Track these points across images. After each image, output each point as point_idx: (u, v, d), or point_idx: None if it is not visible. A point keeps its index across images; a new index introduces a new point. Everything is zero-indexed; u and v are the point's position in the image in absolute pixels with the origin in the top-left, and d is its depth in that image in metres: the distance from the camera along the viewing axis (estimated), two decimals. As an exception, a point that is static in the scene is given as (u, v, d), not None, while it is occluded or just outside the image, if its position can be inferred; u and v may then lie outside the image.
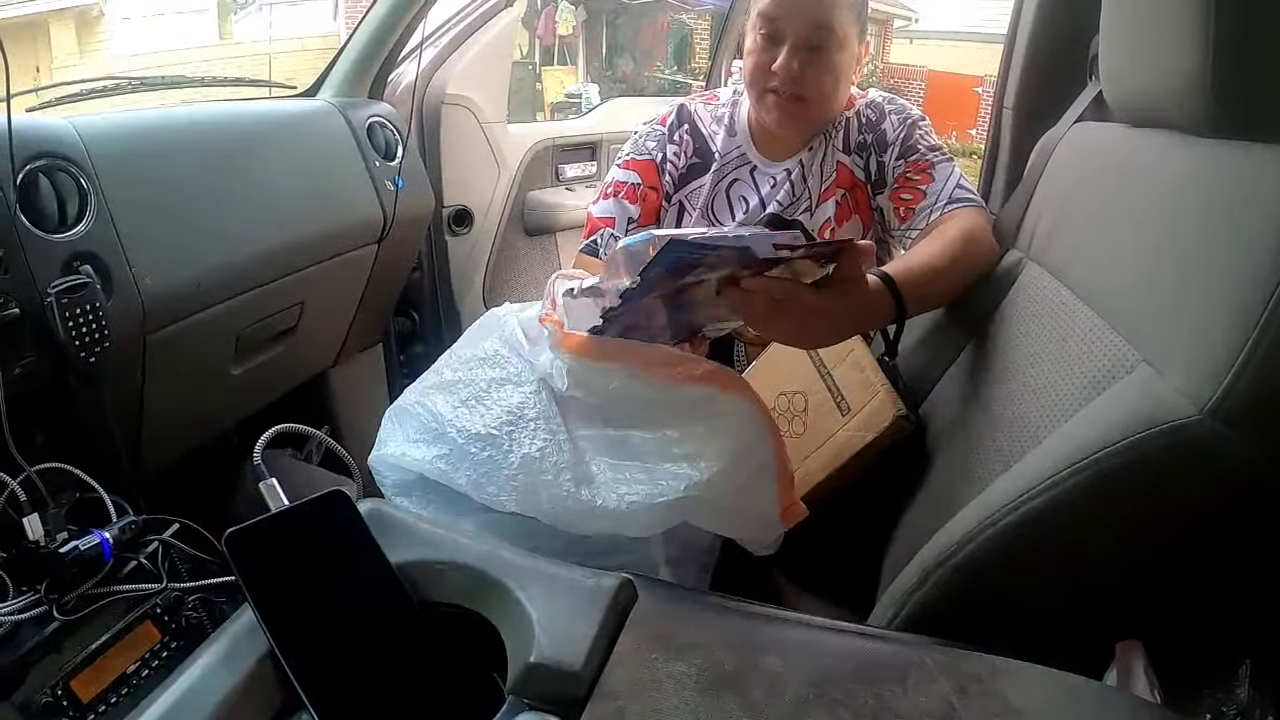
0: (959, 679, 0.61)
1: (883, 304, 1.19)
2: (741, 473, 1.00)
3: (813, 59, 1.47)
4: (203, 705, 0.64)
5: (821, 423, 1.31)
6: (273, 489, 0.84)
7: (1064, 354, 1.02)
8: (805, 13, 1.45)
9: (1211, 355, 0.76)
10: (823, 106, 1.54)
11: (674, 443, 1.00)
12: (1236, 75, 0.84)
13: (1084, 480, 0.81)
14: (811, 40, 1.46)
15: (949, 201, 1.45)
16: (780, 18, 1.47)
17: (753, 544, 1.10)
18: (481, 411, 1.05)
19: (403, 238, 2.14)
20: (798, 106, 1.51)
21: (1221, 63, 0.84)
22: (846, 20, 1.47)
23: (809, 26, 1.45)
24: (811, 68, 1.47)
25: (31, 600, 1.05)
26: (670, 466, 0.97)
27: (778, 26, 1.48)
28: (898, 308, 1.20)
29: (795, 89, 1.49)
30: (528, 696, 0.65)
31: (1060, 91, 1.51)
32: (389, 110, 2.17)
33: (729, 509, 1.01)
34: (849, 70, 1.53)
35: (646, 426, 1.02)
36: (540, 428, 1.01)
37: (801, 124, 1.56)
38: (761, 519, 1.06)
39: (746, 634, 0.68)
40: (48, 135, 1.34)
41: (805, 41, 1.46)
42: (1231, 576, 0.84)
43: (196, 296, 1.53)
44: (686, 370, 1.04)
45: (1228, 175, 0.86)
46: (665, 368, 1.04)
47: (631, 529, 0.95)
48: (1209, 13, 0.83)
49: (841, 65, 1.50)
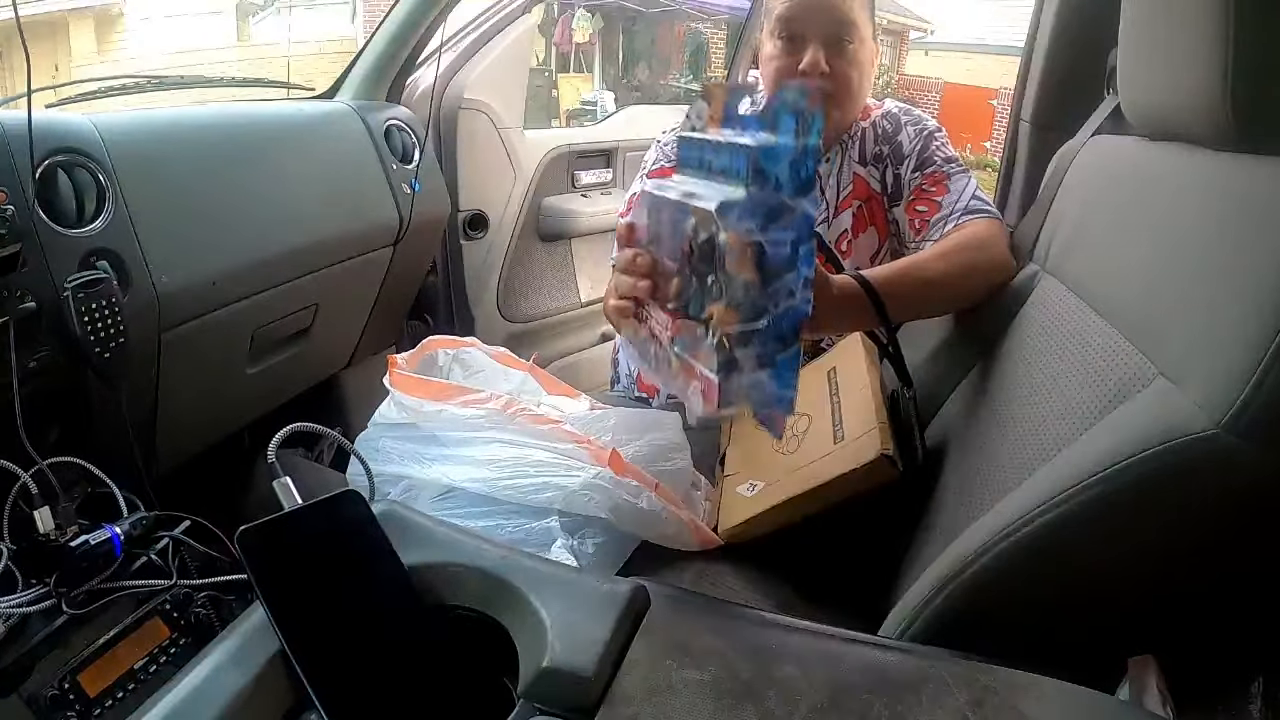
0: (975, 691, 0.61)
1: (853, 305, 1.20)
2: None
3: (838, 54, 1.47)
4: (212, 703, 0.64)
5: (815, 446, 1.29)
6: (286, 488, 0.84)
7: (1080, 367, 1.01)
8: (827, 11, 1.45)
9: (1229, 369, 0.75)
10: (850, 104, 1.54)
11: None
12: (1254, 89, 0.84)
13: (1099, 494, 0.80)
14: (834, 36, 1.46)
15: (964, 213, 1.44)
16: (800, 18, 1.47)
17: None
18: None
19: (418, 241, 2.15)
20: (827, 104, 1.51)
21: (1240, 76, 0.83)
22: (863, 17, 1.48)
23: (832, 24, 1.45)
24: (838, 62, 1.47)
25: (41, 593, 1.05)
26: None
27: (799, 28, 1.47)
28: (878, 311, 1.20)
29: (824, 85, 1.48)
30: (539, 701, 0.64)
31: (1077, 104, 1.51)
32: (407, 114, 2.17)
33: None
34: (870, 67, 1.53)
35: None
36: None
37: (829, 122, 1.55)
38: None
39: (761, 642, 0.68)
40: (67, 131, 1.35)
41: (829, 39, 1.46)
42: (1246, 592, 0.83)
43: (212, 295, 1.53)
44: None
45: (1246, 189, 0.86)
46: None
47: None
48: (1228, 27, 0.83)
49: (864, 61, 1.51)
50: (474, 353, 1.51)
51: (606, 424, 1.33)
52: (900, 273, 1.29)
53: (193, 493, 1.42)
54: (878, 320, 1.24)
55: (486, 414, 1.23)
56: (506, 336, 2.67)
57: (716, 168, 0.88)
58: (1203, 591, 0.84)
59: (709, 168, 0.90)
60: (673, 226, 0.91)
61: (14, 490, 1.08)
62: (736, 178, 0.84)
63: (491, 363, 1.51)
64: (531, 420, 1.23)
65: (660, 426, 1.35)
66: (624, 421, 1.35)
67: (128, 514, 1.16)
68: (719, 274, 0.82)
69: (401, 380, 1.30)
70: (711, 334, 0.84)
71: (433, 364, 1.46)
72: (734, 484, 1.33)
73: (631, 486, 1.18)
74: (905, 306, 1.28)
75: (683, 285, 0.90)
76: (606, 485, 1.17)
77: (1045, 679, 0.64)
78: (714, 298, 0.84)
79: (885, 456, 1.16)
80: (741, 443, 1.42)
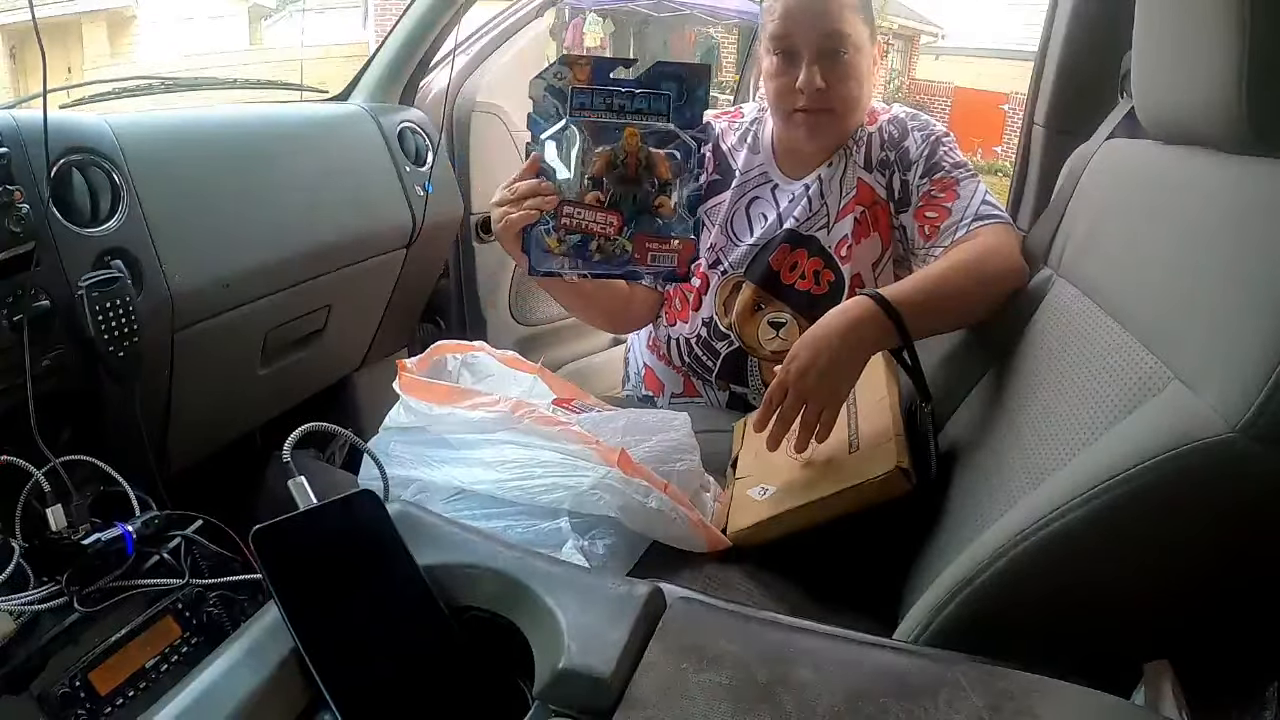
0: (991, 695, 0.61)
1: (871, 325, 1.24)
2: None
3: (833, 68, 1.47)
4: (225, 702, 0.64)
5: (829, 454, 1.29)
6: (301, 487, 0.84)
7: (1095, 371, 1.01)
8: (816, 24, 1.45)
9: (1245, 372, 0.75)
10: (851, 113, 1.54)
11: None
12: (1270, 92, 0.84)
13: (1114, 498, 0.80)
14: (827, 49, 1.46)
15: (975, 219, 1.44)
16: (791, 34, 1.47)
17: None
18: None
19: (431, 243, 2.15)
20: (828, 119, 1.51)
21: (1255, 79, 0.83)
22: (856, 22, 1.47)
23: (822, 36, 1.45)
24: (834, 76, 1.47)
25: (52, 591, 1.04)
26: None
27: (791, 44, 1.48)
28: (898, 328, 1.23)
29: (823, 103, 1.49)
30: (555, 703, 0.64)
31: (1091, 108, 1.51)
32: (420, 116, 2.18)
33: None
34: (870, 72, 1.53)
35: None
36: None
37: (832, 135, 1.56)
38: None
39: (778, 645, 0.68)
40: (82, 131, 1.36)
41: (822, 52, 1.46)
42: (1262, 596, 0.82)
43: (226, 295, 1.54)
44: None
45: (1261, 192, 0.86)
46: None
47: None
48: (1243, 30, 0.82)
49: (862, 68, 1.50)
50: (483, 357, 1.51)
51: (616, 425, 1.33)
52: (915, 288, 1.30)
53: (205, 492, 1.42)
54: (898, 338, 1.25)
55: (495, 416, 1.24)
56: (518, 339, 2.66)
57: (631, 109, 1.24)
58: (1218, 596, 0.84)
59: (616, 110, 1.24)
60: (581, 148, 1.27)
61: (27, 488, 1.08)
62: (658, 115, 1.24)
63: (501, 367, 1.52)
64: (540, 421, 1.24)
65: (669, 428, 1.35)
66: (633, 422, 1.35)
67: (140, 513, 1.16)
68: (651, 176, 1.25)
69: (410, 384, 1.30)
70: (662, 219, 1.27)
71: (441, 369, 1.46)
72: (745, 486, 1.33)
73: (641, 486, 1.18)
74: (923, 322, 1.28)
75: (609, 191, 1.26)
76: (616, 485, 1.17)
77: (1061, 683, 0.63)
78: (654, 194, 1.26)
79: (901, 470, 1.16)
80: (755, 445, 1.42)
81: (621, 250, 1.30)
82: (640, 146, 1.24)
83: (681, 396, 1.76)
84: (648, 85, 1.23)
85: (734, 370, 1.66)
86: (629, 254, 1.30)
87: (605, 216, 1.28)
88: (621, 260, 1.31)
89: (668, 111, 1.23)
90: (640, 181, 1.26)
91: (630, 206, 1.27)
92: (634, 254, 1.29)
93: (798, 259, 1.58)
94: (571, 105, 1.27)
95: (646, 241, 1.28)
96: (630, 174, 1.26)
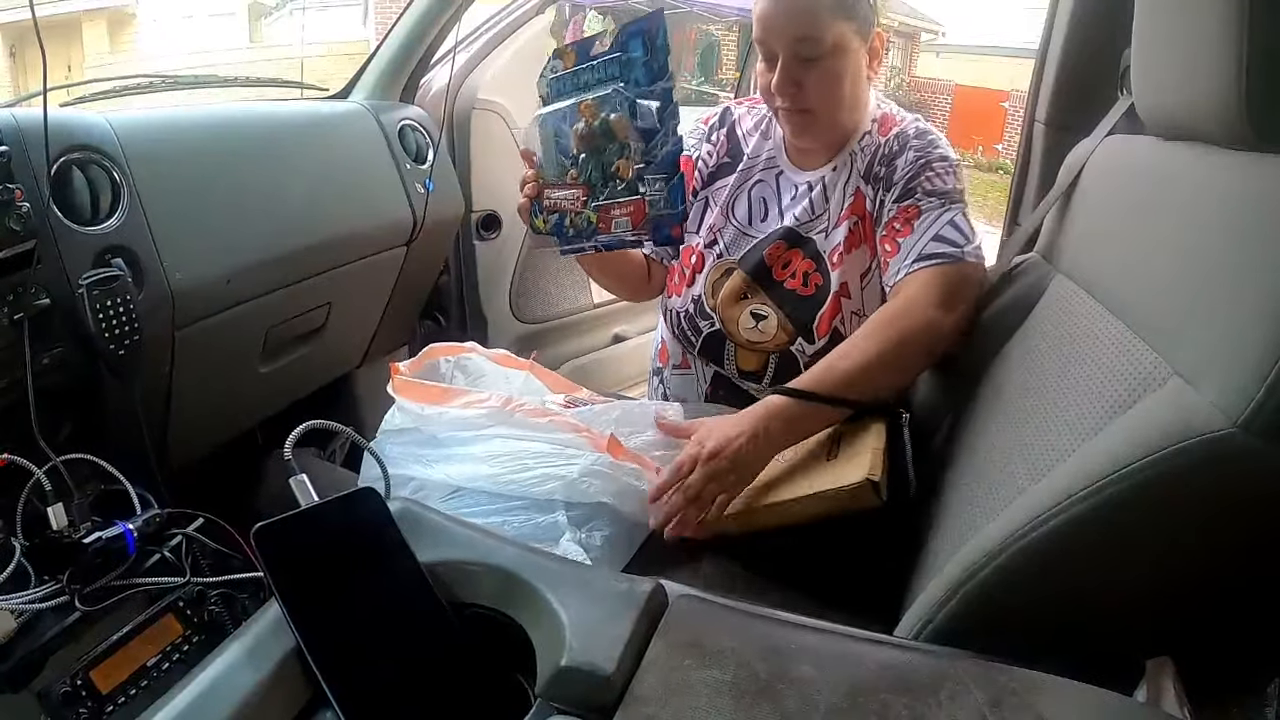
0: (993, 692, 0.61)
1: (778, 417, 1.28)
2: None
3: (808, 71, 1.47)
4: (226, 700, 0.64)
5: (804, 460, 1.31)
6: (303, 485, 0.84)
7: (1094, 367, 1.01)
8: (787, 29, 1.44)
9: (1244, 368, 0.75)
10: (835, 113, 1.53)
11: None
12: (1269, 87, 0.84)
13: (1114, 494, 0.80)
14: (800, 54, 1.46)
15: (916, 259, 1.43)
16: (766, 40, 1.48)
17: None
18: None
19: (431, 241, 2.15)
20: (808, 118, 1.52)
21: (1254, 76, 0.83)
22: (832, 24, 1.44)
23: (794, 41, 1.44)
24: (809, 78, 1.47)
25: (53, 589, 1.04)
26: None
27: (769, 48, 1.48)
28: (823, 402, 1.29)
29: (800, 103, 1.50)
30: (557, 700, 0.64)
31: (1092, 105, 1.50)
32: (420, 114, 2.18)
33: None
34: (855, 71, 1.50)
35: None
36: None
37: (817, 133, 1.57)
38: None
39: (779, 642, 0.68)
40: (82, 128, 1.36)
41: (795, 56, 1.46)
42: (1263, 592, 0.82)
43: (226, 293, 1.54)
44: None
45: (1261, 188, 0.85)
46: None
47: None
48: (1242, 26, 0.82)
49: (842, 70, 1.48)
50: (475, 358, 1.53)
51: (609, 416, 1.35)
52: (825, 368, 1.33)
53: (205, 490, 1.42)
54: (835, 413, 1.32)
55: (487, 412, 1.25)
56: (518, 337, 2.66)
57: (591, 83, 1.31)
58: (1219, 591, 0.84)
59: (584, 86, 1.32)
60: (555, 132, 1.37)
61: (27, 487, 1.08)
62: (612, 80, 1.28)
63: (494, 366, 1.53)
64: (530, 414, 1.25)
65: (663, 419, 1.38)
66: (626, 414, 1.37)
67: (141, 511, 1.16)
68: (614, 142, 1.29)
69: (403, 386, 1.32)
70: (622, 181, 1.30)
71: (434, 371, 1.47)
72: None
73: (630, 469, 1.20)
74: (847, 394, 1.31)
75: (581, 168, 1.35)
76: (605, 470, 1.19)
77: (1062, 680, 0.64)
78: (615, 158, 1.29)
79: (871, 482, 1.16)
80: None
81: (587, 222, 1.38)
82: (596, 115, 1.30)
83: (681, 368, 1.78)
84: (622, 50, 1.27)
85: (713, 350, 1.67)
86: (594, 225, 1.37)
87: (574, 192, 1.38)
88: (589, 231, 1.38)
89: (637, 70, 1.26)
90: (604, 150, 1.31)
91: (599, 176, 1.33)
92: (598, 223, 1.36)
93: (791, 257, 1.58)
94: (551, 94, 1.38)
95: (610, 209, 1.34)
96: (595, 144, 1.32)
